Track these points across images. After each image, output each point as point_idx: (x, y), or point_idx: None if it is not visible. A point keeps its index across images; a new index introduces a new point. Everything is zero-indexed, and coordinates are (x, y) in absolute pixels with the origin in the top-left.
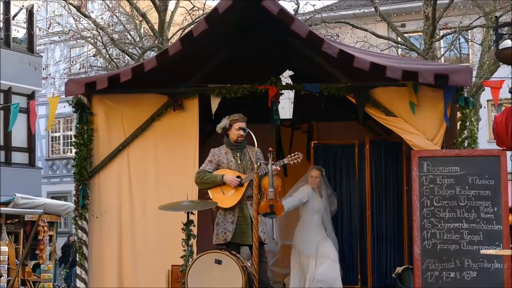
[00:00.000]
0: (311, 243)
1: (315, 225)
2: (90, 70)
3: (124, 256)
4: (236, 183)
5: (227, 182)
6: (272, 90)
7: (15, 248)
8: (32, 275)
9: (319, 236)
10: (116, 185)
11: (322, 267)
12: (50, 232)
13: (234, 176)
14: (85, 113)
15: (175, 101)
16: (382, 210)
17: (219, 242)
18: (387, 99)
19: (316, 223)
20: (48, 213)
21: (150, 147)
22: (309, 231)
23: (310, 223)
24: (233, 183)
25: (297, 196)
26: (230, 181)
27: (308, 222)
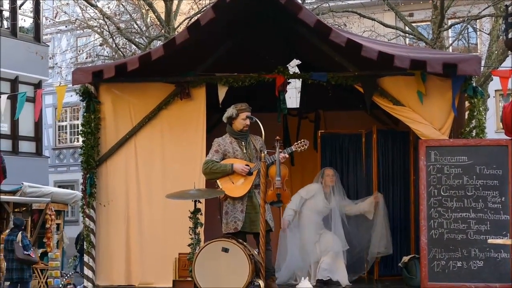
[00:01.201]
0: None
1: (314, 224)
2: (96, 60)
3: (131, 244)
4: (247, 171)
5: (237, 171)
6: (279, 79)
7: None
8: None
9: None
10: (123, 173)
11: (326, 257)
12: (58, 221)
13: (243, 165)
14: (92, 102)
15: (182, 90)
16: (389, 200)
17: (229, 231)
18: (395, 88)
19: (315, 223)
20: (55, 202)
21: (157, 136)
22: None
23: (309, 221)
24: (243, 172)
25: (300, 193)
26: (240, 169)
27: (306, 219)
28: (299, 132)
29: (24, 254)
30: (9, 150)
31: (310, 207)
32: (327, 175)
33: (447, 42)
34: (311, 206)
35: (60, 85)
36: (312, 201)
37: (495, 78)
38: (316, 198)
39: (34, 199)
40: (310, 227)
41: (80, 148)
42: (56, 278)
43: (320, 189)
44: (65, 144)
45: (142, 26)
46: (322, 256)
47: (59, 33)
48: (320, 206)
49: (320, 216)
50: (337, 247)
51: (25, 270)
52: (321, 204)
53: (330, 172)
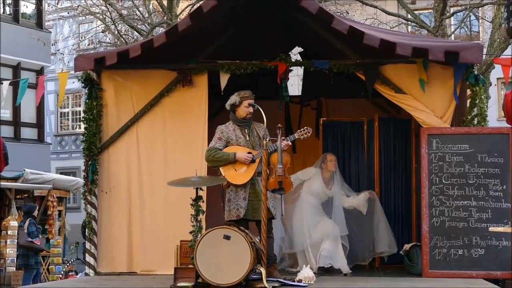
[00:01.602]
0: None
1: (310, 207)
2: (99, 46)
3: (133, 231)
4: (250, 159)
5: (240, 160)
6: (281, 67)
7: None
8: None
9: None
10: (125, 160)
11: (326, 244)
12: (59, 207)
13: (246, 153)
14: (94, 88)
15: (184, 77)
16: (390, 188)
17: (231, 218)
18: (396, 76)
19: (311, 205)
20: (57, 189)
21: (159, 123)
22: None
23: (306, 203)
24: (247, 161)
25: (297, 174)
26: (244, 159)
27: (304, 201)
28: (301, 120)
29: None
30: (11, 136)
31: (307, 189)
32: (330, 160)
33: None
34: (308, 189)
35: (62, 71)
36: (309, 184)
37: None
38: (313, 181)
39: (36, 186)
40: (307, 209)
41: (82, 134)
42: (58, 265)
43: (319, 173)
44: (67, 131)
45: (144, 12)
46: (322, 243)
47: (61, 19)
48: (318, 190)
49: (318, 200)
50: (336, 232)
51: (30, 256)
52: (319, 189)
53: (332, 158)
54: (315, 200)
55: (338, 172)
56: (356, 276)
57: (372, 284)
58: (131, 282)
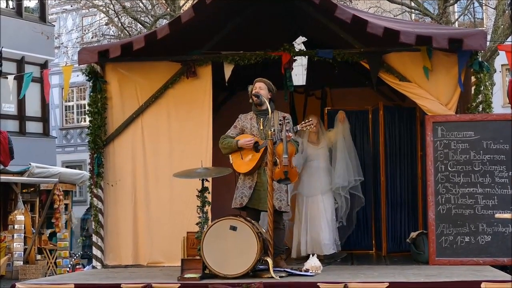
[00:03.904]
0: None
1: (314, 170)
2: (102, 39)
3: (139, 223)
4: (250, 144)
5: (243, 146)
6: (285, 57)
7: (31, 217)
8: (48, 244)
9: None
10: (130, 153)
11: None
12: (66, 201)
13: (246, 138)
14: (98, 81)
15: (188, 69)
16: (396, 176)
17: (235, 206)
18: (400, 64)
19: (315, 168)
20: (63, 182)
21: (163, 115)
22: (308, 175)
23: (309, 169)
24: (248, 146)
25: None
26: (245, 144)
27: (307, 169)
28: (306, 110)
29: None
30: (16, 131)
31: (306, 157)
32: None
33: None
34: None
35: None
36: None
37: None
38: (306, 148)
39: (42, 180)
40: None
41: (87, 128)
42: (65, 258)
43: (305, 140)
44: (72, 124)
45: (147, 4)
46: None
47: (64, 12)
48: (310, 152)
49: (317, 161)
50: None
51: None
52: (311, 151)
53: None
54: (313, 162)
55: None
56: (363, 264)
57: (379, 272)
58: (138, 274)
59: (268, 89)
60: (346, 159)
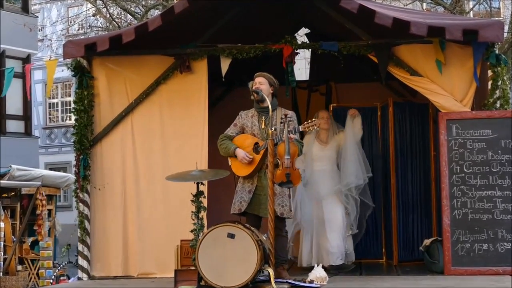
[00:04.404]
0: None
1: (316, 174)
2: (89, 31)
3: (130, 231)
4: (246, 161)
5: (238, 157)
6: (286, 50)
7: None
8: (30, 253)
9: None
10: (119, 154)
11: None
12: (49, 206)
13: (246, 154)
14: (85, 77)
15: (182, 63)
16: (407, 178)
17: (234, 211)
18: (411, 57)
19: (317, 172)
20: (46, 186)
21: (155, 112)
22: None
23: (312, 171)
24: (242, 161)
25: None
26: (240, 158)
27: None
28: (309, 106)
29: None
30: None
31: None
32: (321, 117)
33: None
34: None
35: (50, 59)
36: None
37: None
38: (312, 147)
39: (23, 183)
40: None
41: (72, 127)
42: (48, 269)
43: (313, 136)
44: (56, 123)
45: None
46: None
47: (48, 3)
48: (317, 152)
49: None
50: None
51: None
52: (317, 151)
53: (324, 115)
54: (319, 164)
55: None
56: (372, 274)
57: (390, 283)
58: (128, 287)
59: (269, 84)
60: (358, 157)
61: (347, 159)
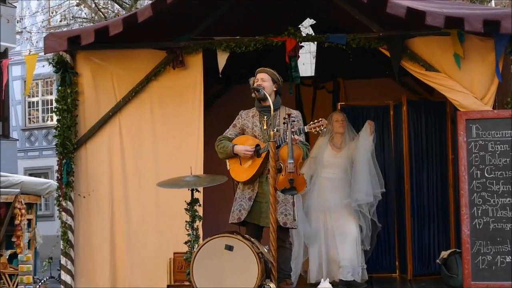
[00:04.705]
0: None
1: (326, 182)
2: (73, 23)
3: (118, 243)
4: (248, 154)
5: (239, 154)
6: (290, 43)
7: None
8: (8, 267)
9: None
10: (106, 158)
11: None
12: (29, 216)
13: (247, 146)
14: (68, 73)
15: (175, 57)
16: (423, 184)
17: (233, 221)
18: (427, 50)
19: (327, 180)
20: (26, 193)
21: (146, 112)
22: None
23: (319, 179)
24: (245, 155)
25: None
26: (242, 152)
27: (318, 178)
28: (315, 105)
29: None
30: None
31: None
32: (335, 120)
33: None
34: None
35: (30, 53)
36: (322, 157)
37: None
38: (324, 151)
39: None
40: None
41: (54, 128)
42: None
43: (327, 140)
44: (37, 124)
45: None
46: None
47: None
48: (328, 159)
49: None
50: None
51: None
52: (329, 157)
53: (338, 117)
54: (329, 172)
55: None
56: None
57: None
58: None
59: (273, 81)
60: (370, 171)
61: (358, 173)
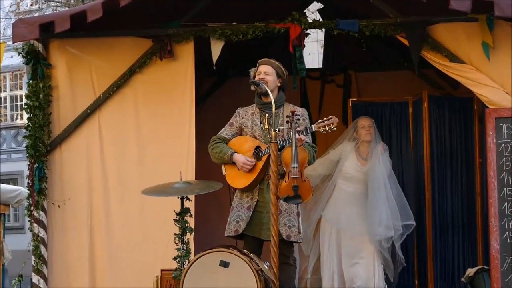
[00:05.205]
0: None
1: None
2: (45, 7)
3: (97, 258)
4: (247, 167)
5: (237, 164)
6: (294, 30)
7: None
8: None
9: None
10: (84, 162)
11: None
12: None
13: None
14: (40, 64)
15: (162, 47)
16: (446, 191)
17: (229, 234)
18: (451, 39)
19: (346, 194)
20: None
21: (129, 109)
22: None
23: (337, 189)
24: (244, 168)
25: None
26: (241, 165)
27: (336, 186)
28: (323, 101)
29: None
30: None
31: (339, 172)
32: (361, 126)
33: None
34: (340, 172)
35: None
36: (340, 164)
37: None
38: (347, 160)
39: None
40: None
41: (24, 128)
42: None
43: (351, 147)
44: (4, 123)
45: None
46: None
47: None
48: (351, 170)
49: (355, 184)
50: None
51: None
52: (352, 168)
53: (365, 123)
54: (350, 185)
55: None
56: None
57: None
58: None
59: (277, 74)
60: (391, 198)
61: (373, 204)
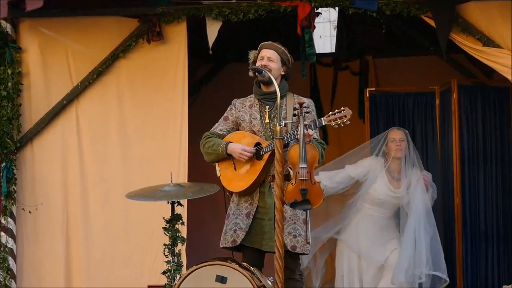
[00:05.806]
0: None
1: (368, 221)
2: None
3: (75, 271)
4: (246, 156)
5: (232, 153)
6: (303, 9)
7: None
8: None
9: (372, 242)
10: (59, 161)
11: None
12: None
13: (245, 146)
14: (8, 48)
15: (150, 28)
16: (479, 193)
17: (226, 245)
18: (485, 20)
19: (371, 219)
20: None
21: (112, 100)
22: (357, 225)
23: (365, 216)
24: (242, 157)
25: (347, 170)
26: (238, 153)
27: (363, 214)
28: (336, 91)
29: None
30: None
31: (365, 195)
32: (391, 140)
33: None
34: (365, 194)
35: None
36: (367, 186)
37: None
38: (371, 181)
39: None
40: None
41: None
42: None
43: (379, 165)
44: None
45: None
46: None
47: None
48: (381, 195)
49: (384, 210)
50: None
51: None
52: (382, 192)
53: (396, 136)
54: (380, 211)
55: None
56: None
57: None
58: None
59: (282, 61)
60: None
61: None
